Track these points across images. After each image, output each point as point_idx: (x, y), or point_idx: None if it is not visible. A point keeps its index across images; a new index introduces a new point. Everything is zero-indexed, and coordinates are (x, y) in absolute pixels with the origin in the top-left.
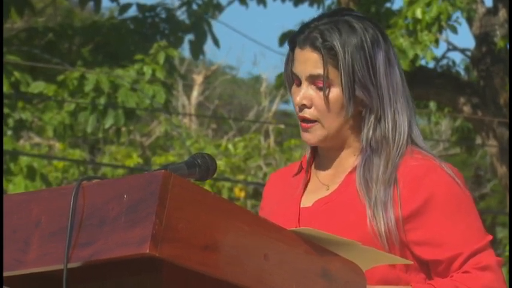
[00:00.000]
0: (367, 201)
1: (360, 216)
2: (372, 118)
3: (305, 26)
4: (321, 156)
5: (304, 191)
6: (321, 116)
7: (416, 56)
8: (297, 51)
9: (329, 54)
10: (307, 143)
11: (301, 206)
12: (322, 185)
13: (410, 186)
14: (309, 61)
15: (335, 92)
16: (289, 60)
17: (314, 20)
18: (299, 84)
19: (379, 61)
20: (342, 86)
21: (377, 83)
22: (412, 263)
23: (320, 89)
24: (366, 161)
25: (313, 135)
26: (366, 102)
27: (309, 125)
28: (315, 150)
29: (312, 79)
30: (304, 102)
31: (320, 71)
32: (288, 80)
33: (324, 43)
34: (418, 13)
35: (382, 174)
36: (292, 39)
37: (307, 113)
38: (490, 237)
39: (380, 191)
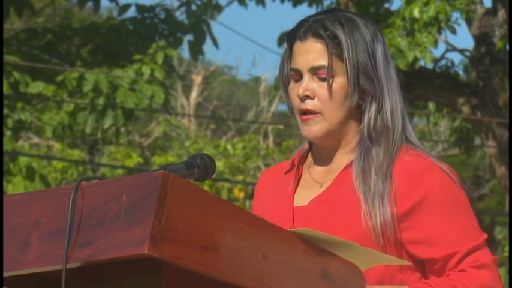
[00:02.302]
0: (363, 194)
1: (355, 214)
2: (373, 108)
3: (304, 21)
4: (315, 154)
5: (296, 189)
6: (324, 107)
7: (415, 59)
8: (297, 44)
9: (333, 43)
10: (308, 136)
11: (295, 204)
12: (314, 182)
13: (406, 182)
14: (311, 51)
15: (339, 82)
16: (286, 58)
17: (312, 15)
18: (298, 79)
19: (378, 54)
20: (347, 74)
21: (377, 74)
22: (411, 263)
23: (323, 79)
24: (365, 151)
25: (315, 128)
26: (368, 92)
27: (310, 116)
28: (309, 147)
29: (314, 70)
30: (307, 93)
31: (323, 61)
32: (284, 79)
33: (327, 32)
34: (416, 13)
35: (381, 165)
36: (291, 34)
37: (310, 104)
38: (486, 235)
39: (378, 182)
